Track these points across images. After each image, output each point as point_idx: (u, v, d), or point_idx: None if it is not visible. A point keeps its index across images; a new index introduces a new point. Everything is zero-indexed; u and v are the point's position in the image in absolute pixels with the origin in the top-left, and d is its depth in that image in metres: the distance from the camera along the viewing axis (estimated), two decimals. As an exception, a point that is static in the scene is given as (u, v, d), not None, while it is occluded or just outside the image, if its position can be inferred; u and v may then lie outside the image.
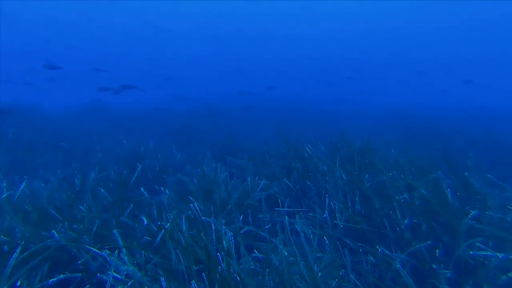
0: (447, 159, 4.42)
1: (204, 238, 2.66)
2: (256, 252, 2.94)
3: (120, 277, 2.64)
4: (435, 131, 8.82)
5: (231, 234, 3.00)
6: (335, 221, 3.22)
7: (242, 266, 2.68)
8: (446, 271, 2.74)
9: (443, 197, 3.38)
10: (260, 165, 5.10)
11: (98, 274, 2.61)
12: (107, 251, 2.64)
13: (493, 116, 14.36)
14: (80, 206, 3.74)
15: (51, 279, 2.61)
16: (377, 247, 2.92)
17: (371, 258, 2.99)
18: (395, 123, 11.82)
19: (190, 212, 3.59)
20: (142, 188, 4.27)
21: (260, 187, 4.20)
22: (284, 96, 23.79)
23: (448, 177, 3.95)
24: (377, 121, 12.88)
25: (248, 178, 4.69)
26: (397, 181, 3.67)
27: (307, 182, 4.45)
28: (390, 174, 3.83)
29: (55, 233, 2.93)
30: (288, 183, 4.35)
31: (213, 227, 2.99)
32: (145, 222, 3.15)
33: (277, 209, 3.94)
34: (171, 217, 2.72)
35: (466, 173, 3.59)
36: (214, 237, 2.97)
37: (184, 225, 2.85)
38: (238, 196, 4.18)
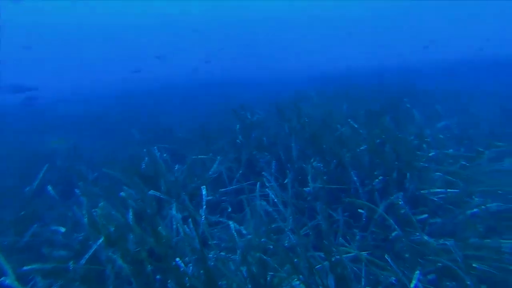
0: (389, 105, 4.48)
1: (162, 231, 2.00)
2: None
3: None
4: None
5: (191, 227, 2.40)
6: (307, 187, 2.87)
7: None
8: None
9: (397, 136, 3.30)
10: (202, 144, 4.47)
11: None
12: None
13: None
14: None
15: None
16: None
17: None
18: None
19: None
20: (49, 187, 3.25)
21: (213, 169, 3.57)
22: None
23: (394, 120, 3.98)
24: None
25: (191, 158, 4.02)
26: (355, 132, 3.51)
27: (253, 152, 3.98)
28: (344, 129, 3.64)
29: None
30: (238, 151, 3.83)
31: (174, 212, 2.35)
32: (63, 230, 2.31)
33: (222, 190, 3.40)
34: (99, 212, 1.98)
35: (414, 110, 3.62)
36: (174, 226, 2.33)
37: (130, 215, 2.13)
38: (183, 179, 3.52)
